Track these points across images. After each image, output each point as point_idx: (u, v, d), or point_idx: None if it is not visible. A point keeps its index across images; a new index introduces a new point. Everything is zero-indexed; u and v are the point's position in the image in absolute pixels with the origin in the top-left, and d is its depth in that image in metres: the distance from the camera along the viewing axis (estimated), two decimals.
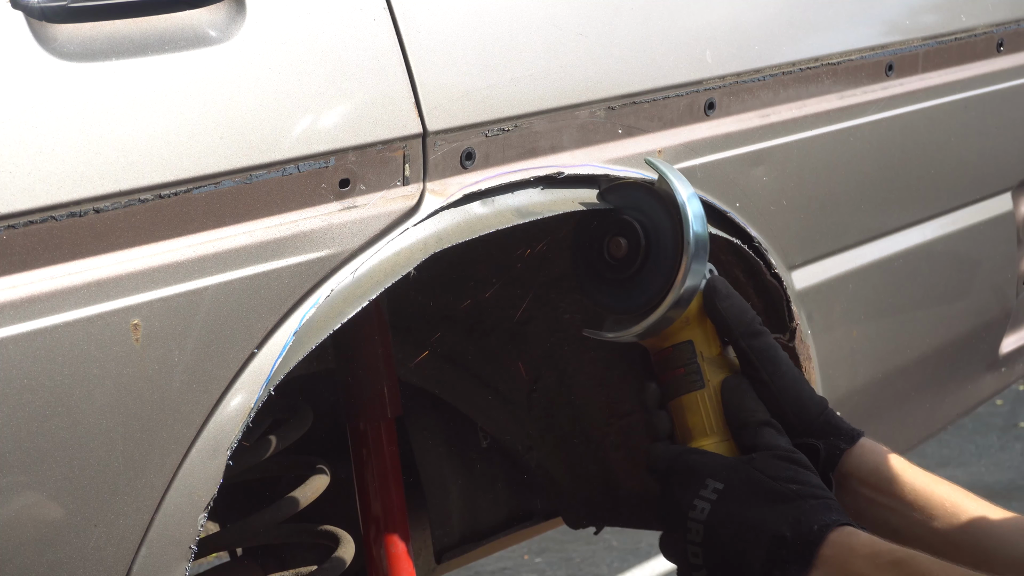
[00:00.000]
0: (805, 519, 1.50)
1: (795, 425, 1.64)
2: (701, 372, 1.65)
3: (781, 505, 1.52)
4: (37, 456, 1.33)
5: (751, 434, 1.62)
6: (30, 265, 1.31)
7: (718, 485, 1.55)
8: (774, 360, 1.66)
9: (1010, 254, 2.63)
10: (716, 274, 1.69)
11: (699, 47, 1.93)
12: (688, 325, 1.67)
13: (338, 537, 1.99)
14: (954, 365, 2.61)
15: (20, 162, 1.30)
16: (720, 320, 1.66)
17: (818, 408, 1.66)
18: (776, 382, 1.65)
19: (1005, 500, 4.46)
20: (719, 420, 1.64)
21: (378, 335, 1.97)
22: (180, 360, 1.41)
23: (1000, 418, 5.24)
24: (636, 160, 1.84)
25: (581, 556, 4.34)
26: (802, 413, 1.64)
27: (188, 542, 1.45)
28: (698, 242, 1.65)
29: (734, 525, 1.53)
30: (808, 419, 1.64)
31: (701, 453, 1.61)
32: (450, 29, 1.65)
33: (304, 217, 1.50)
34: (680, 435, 1.66)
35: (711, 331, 1.68)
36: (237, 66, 1.46)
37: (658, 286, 1.66)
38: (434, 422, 2.26)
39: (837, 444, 1.64)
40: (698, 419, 1.65)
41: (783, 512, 1.52)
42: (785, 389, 1.65)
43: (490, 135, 1.67)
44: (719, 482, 1.56)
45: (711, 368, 1.66)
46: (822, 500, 1.53)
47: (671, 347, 1.67)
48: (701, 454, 1.60)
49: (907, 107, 2.28)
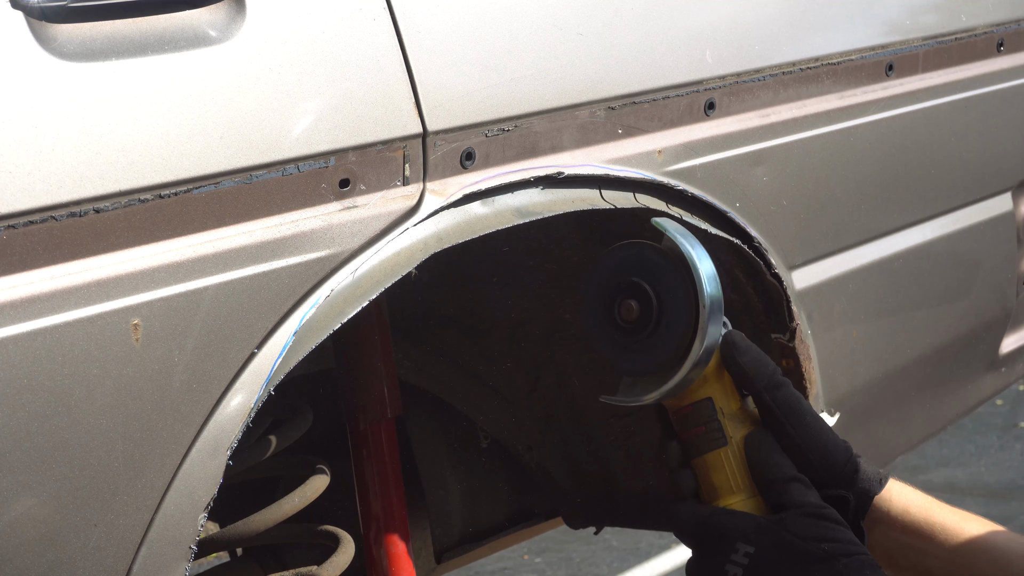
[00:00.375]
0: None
1: (822, 475, 1.62)
2: (723, 429, 1.63)
3: (814, 567, 1.51)
4: (37, 456, 1.33)
5: (779, 491, 1.59)
6: (30, 265, 1.31)
7: (749, 549, 1.53)
8: (799, 412, 1.63)
9: (1010, 254, 2.63)
10: (731, 328, 1.67)
11: (699, 47, 1.93)
12: (706, 383, 1.64)
13: (338, 537, 1.99)
14: (954, 365, 2.61)
15: (20, 162, 1.30)
16: (741, 375, 1.63)
17: (844, 456, 1.64)
18: (801, 433, 1.62)
19: (1005, 500, 4.47)
20: (745, 477, 1.62)
21: (378, 335, 1.96)
22: (180, 360, 1.41)
23: (1000, 418, 5.24)
24: (637, 160, 1.84)
25: (581, 556, 4.34)
26: (829, 463, 1.62)
27: (188, 542, 1.45)
28: (713, 302, 1.62)
29: None
30: (835, 468, 1.62)
31: (730, 514, 1.58)
32: (450, 29, 1.65)
33: (304, 217, 1.50)
34: (706, 493, 1.64)
35: (730, 385, 1.65)
36: (237, 66, 1.46)
37: (674, 348, 1.63)
38: (434, 422, 2.26)
39: (866, 490, 1.63)
40: (723, 477, 1.62)
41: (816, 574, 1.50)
42: (810, 440, 1.62)
43: (490, 135, 1.67)
44: (750, 546, 1.53)
45: (732, 424, 1.63)
46: (855, 557, 1.51)
47: (690, 405, 1.64)
48: (730, 515, 1.58)
49: (907, 107, 2.28)
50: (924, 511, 1.63)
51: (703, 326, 1.61)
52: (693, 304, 1.62)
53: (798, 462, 1.62)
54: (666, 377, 1.64)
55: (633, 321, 1.67)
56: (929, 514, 1.63)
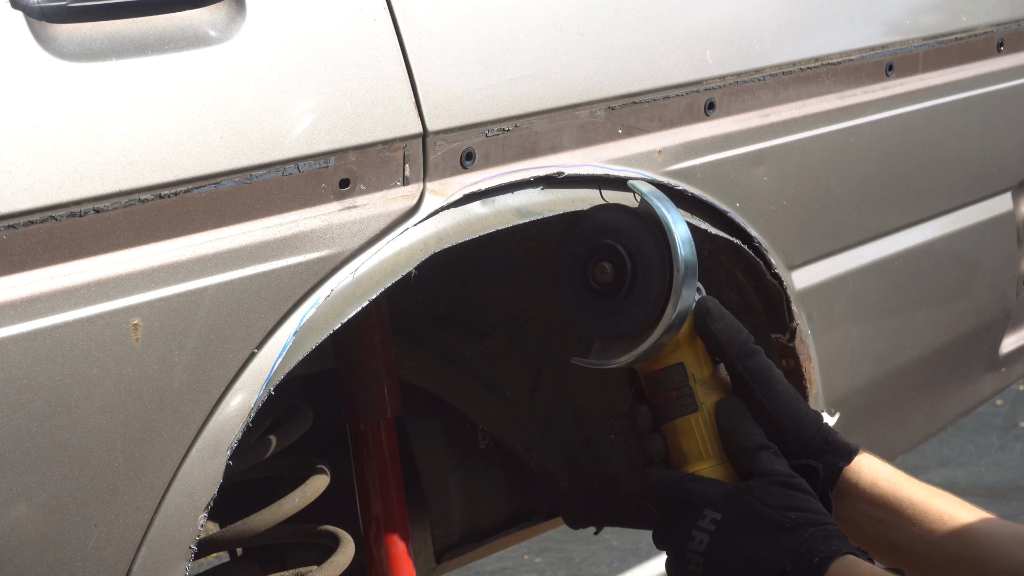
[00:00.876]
0: (805, 550, 1.49)
1: (792, 445, 1.62)
2: (694, 395, 1.62)
3: (781, 535, 1.50)
4: (37, 456, 1.33)
5: (748, 459, 1.59)
6: (30, 265, 1.31)
7: (716, 515, 1.53)
8: (770, 380, 1.63)
9: (1010, 254, 2.63)
10: (704, 294, 1.66)
11: (699, 47, 1.93)
12: (679, 348, 1.64)
13: (338, 537, 1.99)
14: (954, 365, 2.61)
15: (20, 162, 1.30)
16: (714, 341, 1.63)
17: (815, 426, 1.64)
18: (772, 402, 1.62)
19: (1005, 500, 4.47)
20: (714, 443, 1.61)
21: (378, 335, 1.96)
22: (180, 360, 1.41)
23: (1000, 418, 5.24)
24: (637, 160, 1.84)
25: (581, 556, 4.34)
26: (799, 433, 1.62)
27: (188, 542, 1.45)
28: (687, 266, 1.61)
29: (733, 558, 1.51)
30: (806, 438, 1.62)
31: (698, 480, 1.58)
32: (450, 29, 1.65)
33: (304, 217, 1.50)
34: (675, 459, 1.63)
35: (702, 352, 1.64)
36: (237, 66, 1.46)
37: (647, 311, 1.63)
38: (434, 422, 2.26)
39: (835, 462, 1.62)
40: (693, 443, 1.62)
41: (783, 543, 1.50)
42: (781, 409, 1.62)
43: (490, 135, 1.67)
44: (717, 512, 1.53)
45: (704, 390, 1.63)
46: (822, 527, 1.51)
47: (662, 370, 1.64)
48: (698, 481, 1.57)
49: (907, 107, 2.28)
50: (892, 485, 1.63)
51: (676, 290, 1.61)
52: (667, 267, 1.62)
53: (768, 431, 1.62)
54: (638, 341, 1.63)
55: (607, 284, 1.66)
56: (897, 488, 1.63)
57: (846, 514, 1.63)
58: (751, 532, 1.52)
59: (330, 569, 1.92)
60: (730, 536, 1.52)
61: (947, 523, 1.60)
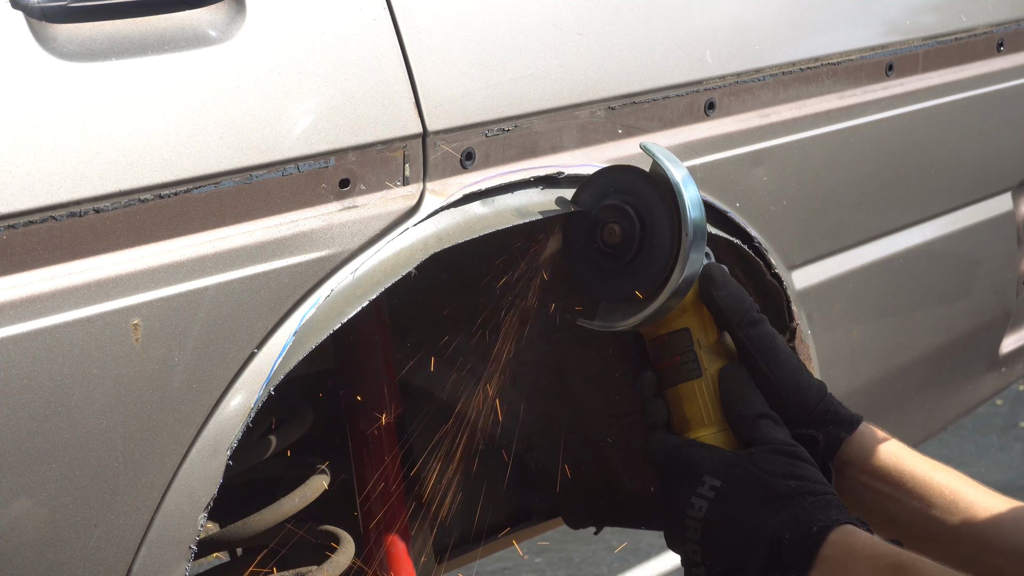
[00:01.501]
0: (804, 519, 1.49)
1: (794, 414, 1.62)
2: (698, 360, 1.62)
3: (779, 504, 1.51)
4: (37, 456, 1.33)
5: (749, 426, 1.59)
6: (30, 265, 1.31)
7: (715, 482, 1.53)
8: (772, 349, 1.63)
9: (1010, 254, 2.63)
10: (713, 260, 1.66)
11: (699, 47, 1.93)
12: (685, 312, 1.63)
13: (338, 537, 1.99)
14: (954, 365, 2.61)
15: (20, 162, 1.30)
16: (717, 309, 1.63)
17: (817, 395, 1.64)
18: (774, 371, 1.62)
19: None
20: (717, 410, 1.62)
21: (378, 335, 1.96)
22: (180, 360, 1.41)
23: (1000, 418, 5.24)
24: (636, 160, 1.84)
25: (581, 556, 4.34)
26: (801, 402, 1.62)
27: (188, 542, 1.45)
28: (696, 229, 1.61)
29: (732, 525, 1.52)
30: (807, 408, 1.62)
31: (699, 446, 1.58)
32: (450, 29, 1.65)
33: (304, 217, 1.50)
34: (677, 424, 1.63)
35: (708, 318, 1.64)
36: (237, 66, 1.46)
37: (654, 274, 1.62)
38: (434, 422, 2.25)
39: (836, 432, 1.62)
40: (695, 409, 1.62)
41: (782, 512, 1.50)
42: (783, 378, 1.62)
43: (490, 135, 1.67)
44: (717, 479, 1.54)
45: (708, 356, 1.63)
46: (821, 497, 1.52)
47: (667, 334, 1.64)
48: (699, 447, 1.58)
49: (907, 107, 2.28)
50: (894, 457, 1.63)
51: (684, 253, 1.60)
52: (676, 230, 1.61)
53: (771, 400, 1.62)
54: (644, 304, 1.63)
55: (615, 245, 1.65)
56: (899, 460, 1.62)
57: (846, 485, 1.63)
58: (750, 500, 1.52)
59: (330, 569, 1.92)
60: (729, 503, 1.52)
61: (948, 497, 1.60)
